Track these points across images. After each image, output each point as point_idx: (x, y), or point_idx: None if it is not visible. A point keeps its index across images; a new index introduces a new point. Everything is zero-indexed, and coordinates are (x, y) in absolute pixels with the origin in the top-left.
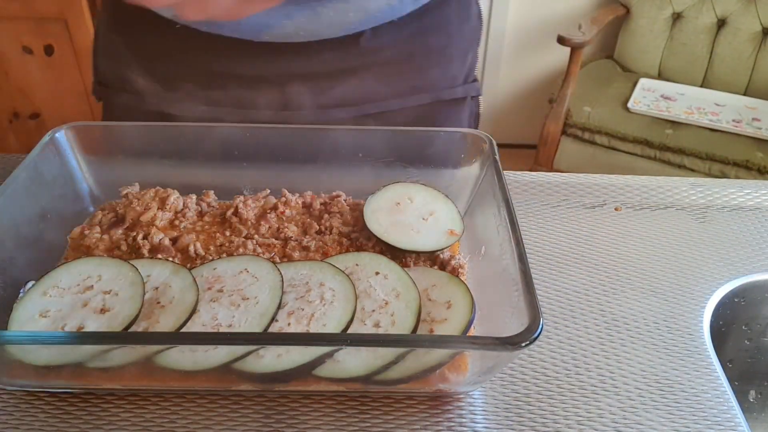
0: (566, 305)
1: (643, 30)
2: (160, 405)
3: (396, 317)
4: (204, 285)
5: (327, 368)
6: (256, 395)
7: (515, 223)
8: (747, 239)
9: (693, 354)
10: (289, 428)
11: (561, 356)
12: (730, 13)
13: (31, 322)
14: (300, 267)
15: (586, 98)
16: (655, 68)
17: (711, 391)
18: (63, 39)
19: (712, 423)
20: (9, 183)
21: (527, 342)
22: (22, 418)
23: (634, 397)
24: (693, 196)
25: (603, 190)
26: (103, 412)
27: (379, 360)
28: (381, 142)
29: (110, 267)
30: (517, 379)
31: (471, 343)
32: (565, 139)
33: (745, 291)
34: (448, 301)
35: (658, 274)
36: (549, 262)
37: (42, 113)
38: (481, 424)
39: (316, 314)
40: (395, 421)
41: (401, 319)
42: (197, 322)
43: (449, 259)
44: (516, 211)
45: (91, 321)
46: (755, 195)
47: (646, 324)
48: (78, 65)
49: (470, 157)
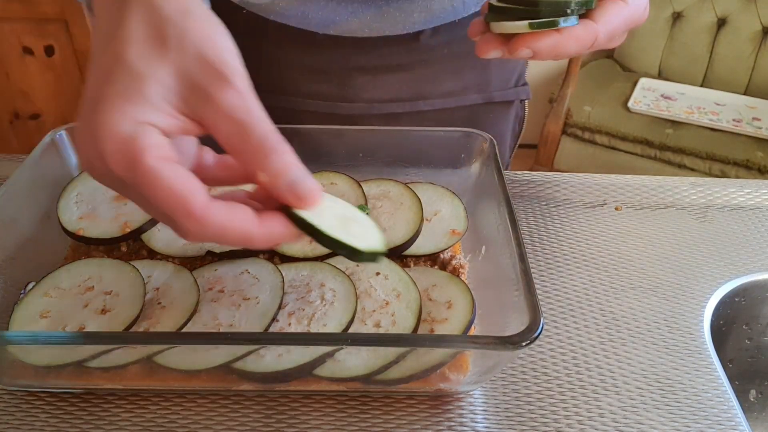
0: (566, 305)
1: (643, 30)
2: (161, 405)
3: (396, 317)
4: (205, 286)
5: (327, 368)
6: (256, 395)
7: (515, 223)
8: (747, 239)
9: (693, 354)
10: (289, 428)
11: (561, 356)
12: (730, 13)
13: (32, 322)
14: (301, 268)
15: (586, 98)
16: (655, 68)
17: (711, 390)
18: (63, 39)
19: (713, 423)
20: (9, 183)
21: (527, 341)
22: (22, 418)
23: (635, 397)
24: (693, 196)
25: (603, 190)
26: (104, 412)
27: (380, 360)
28: (381, 142)
29: (111, 268)
30: (517, 379)
31: (471, 342)
32: (566, 139)
33: (745, 291)
34: (448, 301)
35: (658, 273)
36: (549, 262)
37: (42, 114)
38: (482, 424)
39: (317, 314)
40: (395, 420)
41: (402, 319)
42: (198, 322)
43: (450, 259)
44: (516, 211)
45: (92, 322)
46: (755, 195)
47: (646, 324)
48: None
49: (470, 157)
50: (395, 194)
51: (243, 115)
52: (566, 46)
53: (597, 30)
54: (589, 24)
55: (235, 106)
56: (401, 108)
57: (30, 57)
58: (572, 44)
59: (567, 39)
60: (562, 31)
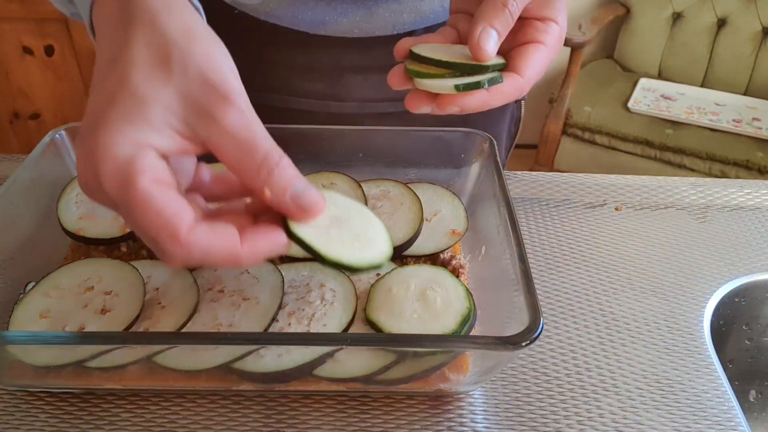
0: (566, 305)
1: (643, 30)
2: (161, 405)
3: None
4: (205, 286)
5: (327, 368)
6: (256, 395)
7: (515, 223)
8: (747, 239)
9: (693, 354)
10: (289, 428)
11: (561, 356)
12: (730, 13)
13: (32, 322)
14: (301, 268)
15: (586, 98)
16: (655, 68)
17: (711, 391)
18: (63, 39)
19: (713, 423)
20: (9, 183)
21: (527, 342)
22: (22, 418)
23: (635, 397)
24: (693, 196)
25: (603, 190)
26: (103, 412)
27: (380, 360)
28: (381, 142)
29: (111, 268)
30: (517, 379)
31: (471, 343)
32: (566, 139)
33: (745, 291)
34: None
35: (658, 274)
36: (549, 262)
37: (42, 114)
38: (481, 424)
39: (317, 315)
40: (395, 420)
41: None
42: (198, 322)
43: (450, 259)
44: (516, 211)
45: (92, 322)
46: (755, 195)
47: (646, 324)
48: (78, 65)
49: (470, 157)
50: (395, 194)
51: (245, 134)
52: (494, 102)
53: (522, 85)
54: (516, 79)
55: (237, 126)
56: (394, 107)
57: (30, 57)
58: (499, 100)
59: (494, 96)
60: (490, 90)
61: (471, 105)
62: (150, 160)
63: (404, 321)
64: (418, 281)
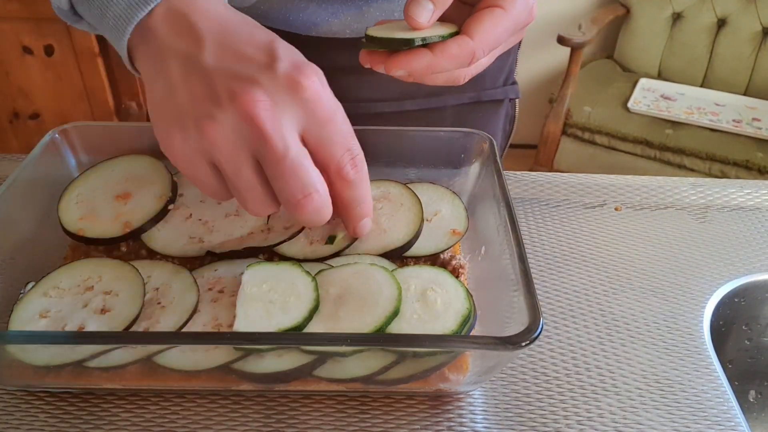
0: (566, 305)
1: (643, 30)
2: (160, 405)
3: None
4: (205, 286)
5: (327, 368)
6: (256, 395)
7: (515, 223)
8: (747, 239)
9: (693, 354)
10: (289, 428)
11: (561, 356)
12: (730, 13)
13: (32, 322)
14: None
15: (586, 98)
16: (655, 68)
17: (711, 391)
18: (63, 39)
19: (712, 423)
20: (9, 183)
21: (527, 342)
22: (22, 418)
23: (634, 397)
24: (693, 196)
25: (603, 190)
26: (103, 412)
27: (380, 360)
28: (381, 142)
29: (111, 268)
30: (517, 379)
31: (471, 343)
32: (565, 139)
33: (745, 291)
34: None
35: (658, 274)
36: (549, 262)
37: (42, 113)
38: (481, 424)
39: None
40: (395, 421)
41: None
42: (198, 322)
43: (450, 259)
44: (516, 211)
45: (92, 321)
46: (755, 195)
47: (646, 324)
48: (78, 65)
49: (470, 157)
50: (395, 195)
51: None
52: (441, 65)
53: (473, 47)
54: (464, 40)
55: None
56: (388, 108)
57: (30, 56)
58: (448, 63)
59: (440, 58)
60: (435, 51)
61: (415, 66)
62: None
63: (404, 321)
64: (418, 282)
